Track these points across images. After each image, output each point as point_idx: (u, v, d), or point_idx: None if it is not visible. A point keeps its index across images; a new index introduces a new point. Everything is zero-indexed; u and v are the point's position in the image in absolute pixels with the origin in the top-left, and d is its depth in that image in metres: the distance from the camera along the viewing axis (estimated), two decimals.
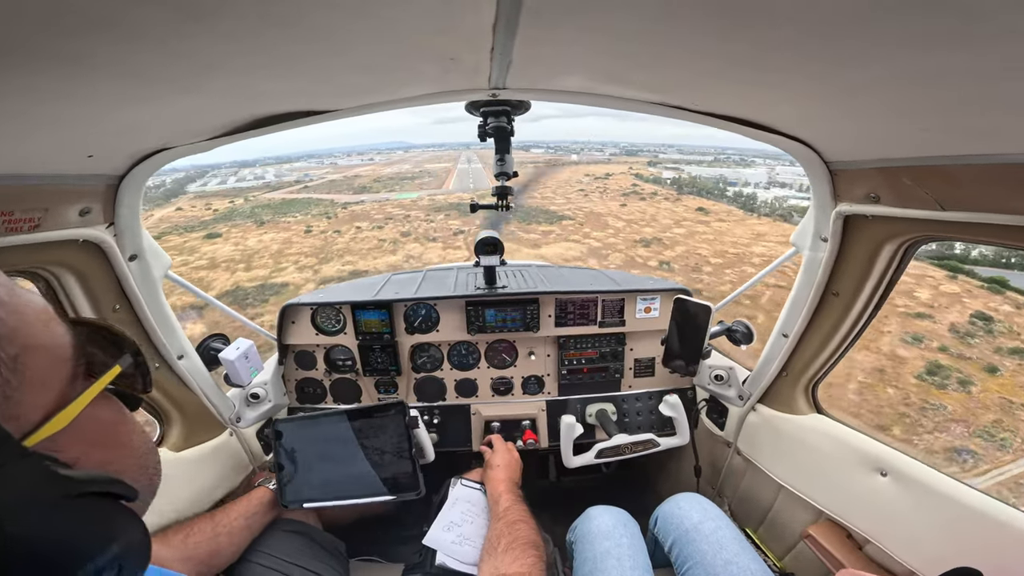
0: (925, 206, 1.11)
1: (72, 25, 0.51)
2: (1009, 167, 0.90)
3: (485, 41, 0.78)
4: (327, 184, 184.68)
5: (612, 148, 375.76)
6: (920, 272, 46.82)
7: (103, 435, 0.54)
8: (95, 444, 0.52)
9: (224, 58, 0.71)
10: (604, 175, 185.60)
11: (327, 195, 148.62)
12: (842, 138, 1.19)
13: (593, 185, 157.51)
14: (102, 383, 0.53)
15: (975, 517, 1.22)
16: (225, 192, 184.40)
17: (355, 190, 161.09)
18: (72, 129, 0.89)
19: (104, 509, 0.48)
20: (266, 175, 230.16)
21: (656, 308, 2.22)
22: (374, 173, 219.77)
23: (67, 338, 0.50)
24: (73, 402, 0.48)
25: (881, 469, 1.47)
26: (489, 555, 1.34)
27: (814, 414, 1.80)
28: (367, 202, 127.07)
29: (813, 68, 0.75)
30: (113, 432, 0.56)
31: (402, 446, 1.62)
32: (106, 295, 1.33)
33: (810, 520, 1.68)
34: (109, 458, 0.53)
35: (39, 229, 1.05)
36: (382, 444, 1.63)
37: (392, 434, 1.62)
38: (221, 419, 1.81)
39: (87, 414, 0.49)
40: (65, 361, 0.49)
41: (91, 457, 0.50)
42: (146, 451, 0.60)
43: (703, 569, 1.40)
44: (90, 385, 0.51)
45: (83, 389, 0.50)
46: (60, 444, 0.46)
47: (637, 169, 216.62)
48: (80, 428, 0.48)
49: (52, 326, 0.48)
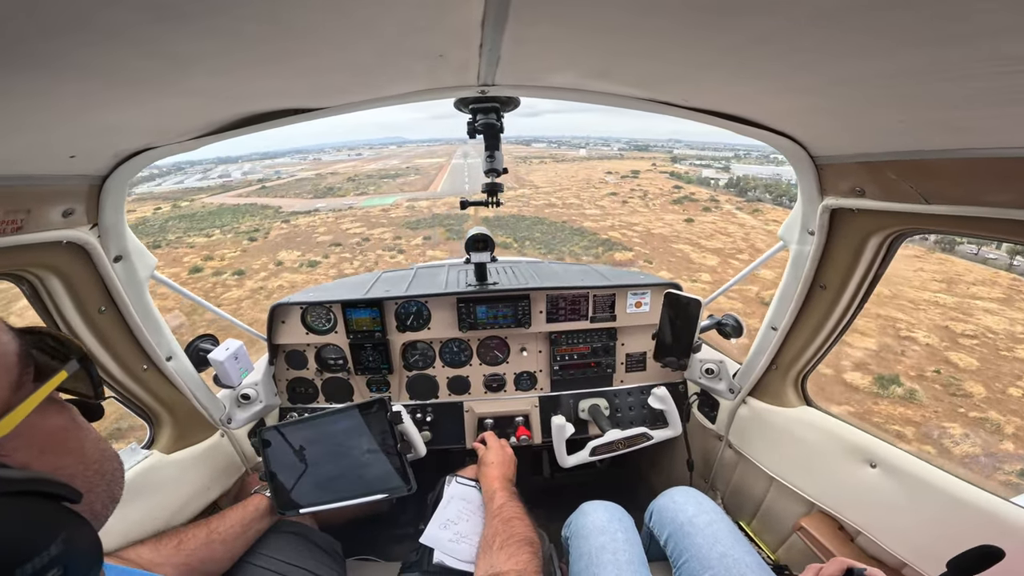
0: (909, 199, 1.13)
1: (44, 26, 0.51)
2: (987, 161, 0.92)
3: (473, 37, 0.77)
4: (291, 184, 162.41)
5: (616, 143, 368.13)
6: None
7: (52, 441, 0.54)
8: (44, 450, 0.52)
9: (202, 57, 0.70)
10: (631, 172, 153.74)
11: (279, 200, 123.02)
12: (827, 133, 1.20)
13: (625, 186, 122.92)
14: (46, 389, 0.53)
15: (964, 507, 1.24)
16: (172, 194, 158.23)
17: (317, 193, 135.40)
18: (52, 130, 0.87)
19: (43, 509, 0.48)
20: (232, 173, 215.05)
21: (647, 303, 2.23)
22: (354, 170, 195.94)
23: (11, 346, 0.50)
24: (15, 409, 0.48)
25: (871, 460, 1.49)
26: (485, 553, 1.35)
27: (804, 406, 1.82)
28: (323, 211, 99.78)
29: (798, 63, 0.75)
30: (62, 438, 0.56)
31: (388, 443, 1.61)
32: (91, 297, 1.31)
33: (802, 512, 1.70)
34: (59, 463, 0.54)
35: (21, 231, 1.03)
36: (369, 443, 1.62)
37: (378, 432, 1.61)
38: (212, 420, 1.79)
39: (33, 420, 0.50)
40: (8, 369, 0.49)
41: (40, 462, 0.50)
42: (102, 458, 0.61)
43: (699, 562, 1.41)
44: (31, 391, 0.51)
45: (25, 395, 0.50)
46: (6, 449, 0.47)
47: (662, 165, 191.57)
48: (27, 434, 0.49)
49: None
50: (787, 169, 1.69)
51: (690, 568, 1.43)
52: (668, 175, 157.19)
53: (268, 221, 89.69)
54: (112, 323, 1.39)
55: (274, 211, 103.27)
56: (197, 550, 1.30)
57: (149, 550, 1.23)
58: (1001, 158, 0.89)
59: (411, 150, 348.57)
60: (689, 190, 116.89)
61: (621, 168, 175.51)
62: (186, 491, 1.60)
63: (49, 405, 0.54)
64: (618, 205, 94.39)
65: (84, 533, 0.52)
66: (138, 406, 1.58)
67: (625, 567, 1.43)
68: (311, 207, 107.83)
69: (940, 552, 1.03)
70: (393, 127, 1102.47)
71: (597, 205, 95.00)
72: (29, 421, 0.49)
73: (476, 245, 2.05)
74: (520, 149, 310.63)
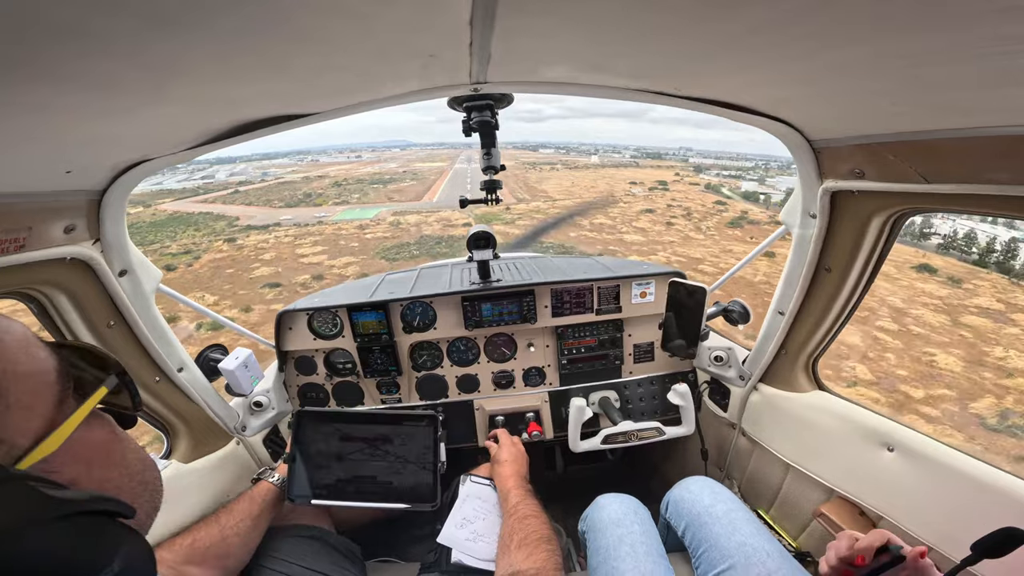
0: (909, 180, 1.12)
1: (34, 37, 0.51)
2: (985, 139, 0.91)
3: (463, 36, 0.77)
4: (270, 188, 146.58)
5: (625, 150, 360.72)
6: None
7: (97, 454, 0.54)
8: (91, 464, 0.53)
9: (194, 65, 0.70)
10: (657, 184, 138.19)
11: (243, 208, 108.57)
12: (823, 117, 1.19)
13: (658, 201, 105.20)
14: (89, 404, 0.54)
15: (984, 489, 1.23)
16: (137, 197, 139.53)
17: (291, 201, 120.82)
18: (47, 144, 0.88)
19: (101, 527, 0.49)
20: (217, 174, 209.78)
21: (651, 293, 2.22)
22: (347, 173, 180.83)
23: (50, 362, 0.51)
24: (62, 425, 0.49)
25: (887, 444, 1.47)
26: (503, 553, 1.35)
27: (816, 391, 1.81)
28: (285, 224, 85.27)
29: (791, 50, 0.75)
30: (107, 451, 0.57)
31: (426, 458, 1.61)
32: (99, 312, 1.32)
33: (821, 498, 1.69)
34: (106, 476, 0.54)
35: (25, 249, 1.04)
36: (406, 453, 1.62)
37: (419, 444, 1.62)
38: (227, 428, 1.81)
39: (79, 435, 0.50)
40: (50, 385, 0.50)
41: (89, 476, 0.51)
42: (143, 468, 0.61)
43: (718, 552, 1.40)
44: (75, 407, 0.52)
45: (72, 411, 0.51)
46: (55, 465, 0.47)
47: (687, 175, 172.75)
48: (73, 449, 0.49)
49: (33, 351, 0.49)
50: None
51: (709, 557, 1.42)
52: (703, 188, 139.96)
53: (210, 239, 75.53)
54: (122, 337, 1.40)
55: (227, 224, 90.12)
56: (212, 546, 1.31)
57: (166, 551, 1.24)
58: (1001, 136, 0.88)
59: (413, 153, 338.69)
60: (737, 207, 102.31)
61: (642, 177, 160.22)
62: (206, 498, 1.62)
63: (92, 419, 0.55)
64: (661, 227, 75.36)
65: (140, 546, 0.53)
66: (153, 418, 1.60)
67: (643, 559, 1.43)
68: (273, 219, 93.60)
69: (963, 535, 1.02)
70: (399, 130, 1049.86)
71: (634, 226, 75.59)
72: (75, 436, 0.50)
73: (478, 243, 2.05)
74: (527, 155, 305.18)
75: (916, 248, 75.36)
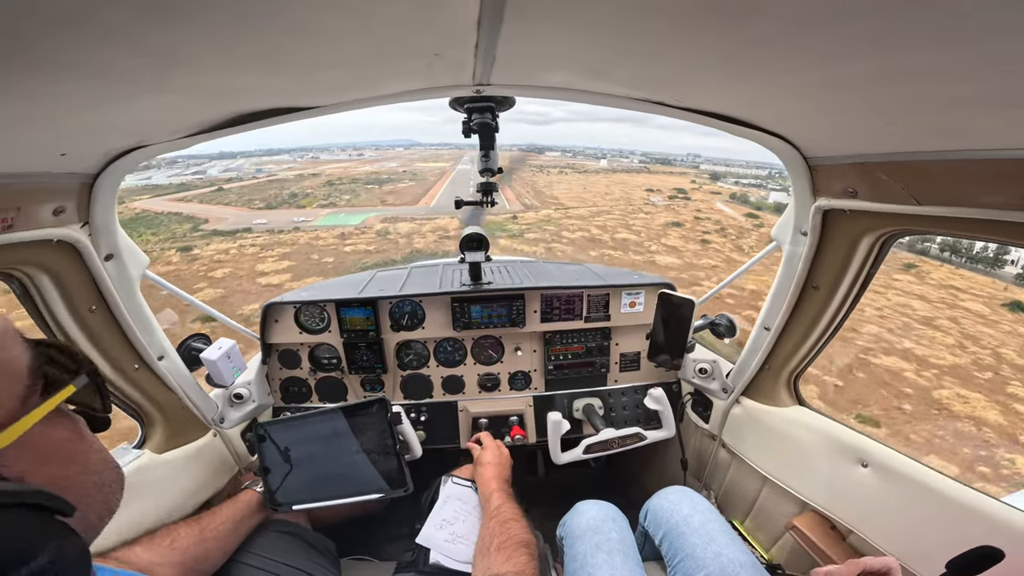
0: (901, 201, 1.14)
1: (34, 25, 0.50)
2: (977, 162, 0.92)
3: (469, 37, 0.77)
4: (257, 186, 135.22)
5: (632, 155, 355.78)
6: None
7: (55, 453, 0.54)
8: (45, 461, 0.53)
9: (193, 55, 0.69)
10: (676, 192, 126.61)
11: (218, 208, 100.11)
12: (819, 134, 1.21)
13: (683, 212, 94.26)
14: (52, 402, 0.54)
15: (954, 507, 1.25)
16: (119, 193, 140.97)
17: (274, 201, 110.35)
18: (42, 127, 0.86)
19: (31, 521, 0.48)
20: (209, 170, 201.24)
21: (641, 302, 2.24)
22: (344, 172, 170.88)
23: (23, 358, 0.51)
24: (19, 420, 0.49)
25: (862, 460, 1.50)
26: (482, 555, 1.35)
27: (796, 406, 1.83)
28: (256, 230, 77.19)
29: (790, 66, 0.76)
30: (66, 450, 0.56)
31: (387, 443, 1.61)
32: (82, 296, 1.30)
33: (795, 511, 1.71)
34: (60, 475, 0.54)
35: (12, 229, 1.01)
36: (367, 442, 1.62)
37: (376, 431, 1.61)
38: (204, 420, 1.77)
39: (38, 432, 0.50)
40: (18, 380, 0.50)
41: (39, 473, 0.51)
42: (103, 470, 0.61)
43: (693, 561, 1.42)
44: (37, 403, 0.52)
45: (32, 407, 0.51)
46: (7, 459, 0.47)
47: (702, 183, 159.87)
48: (29, 445, 0.49)
49: (8, 344, 0.49)
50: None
51: (685, 567, 1.43)
52: (728, 199, 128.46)
53: (163, 246, 65.84)
54: (103, 322, 1.37)
55: (191, 227, 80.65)
56: (190, 548, 1.29)
57: (144, 549, 1.22)
58: (994, 159, 0.89)
59: (416, 153, 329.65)
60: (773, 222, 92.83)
61: (657, 184, 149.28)
62: (179, 491, 1.59)
63: (56, 417, 0.55)
64: (695, 244, 63.31)
65: (72, 544, 0.52)
66: (129, 405, 1.56)
67: (620, 566, 1.43)
68: (246, 223, 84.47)
69: (931, 551, 1.05)
70: (405, 130, 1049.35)
71: (663, 244, 63.16)
72: (33, 432, 0.50)
73: (470, 244, 2.05)
74: (533, 157, 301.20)
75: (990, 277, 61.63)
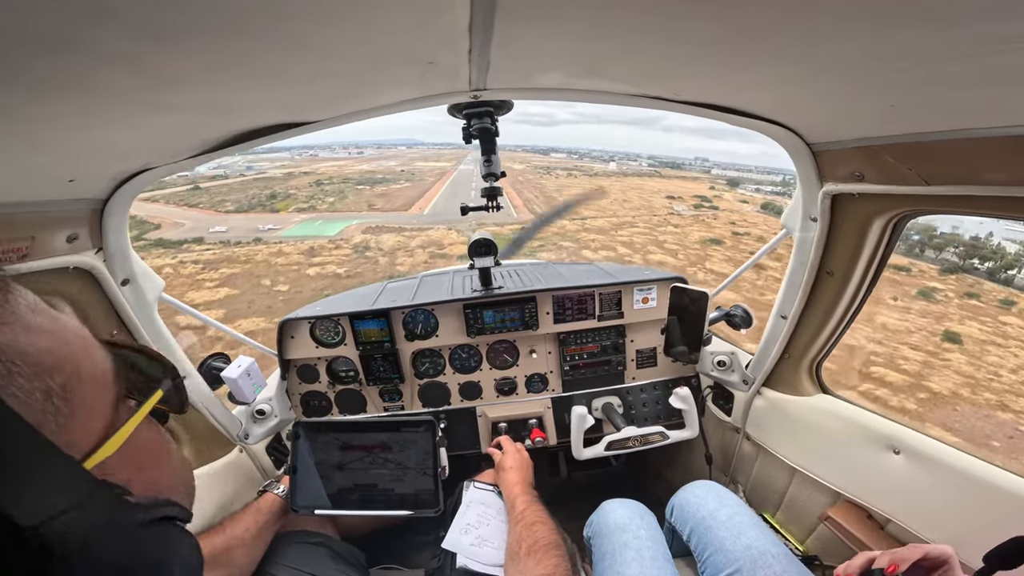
0: (909, 182, 1.12)
1: (30, 49, 0.51)
2: (985, 140, 0.91)
3: (462, 43, 0.78)
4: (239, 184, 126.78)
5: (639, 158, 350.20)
6: None
7: (148, 456, 0.53)
8: (142, 466, 0.51)
9: (189, 73, 0.70)
10: (702, 201, 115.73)
11: (183, 210, 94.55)
12: (821, 120, 1.19)
13: (717, 226, 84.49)
14: (147, 407, 0.53)
15: (993, 491, 1.22)
16: None
17: (246, 204, 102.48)
18: (48, 153, 0.88)
19: (168, 534, 0.49)
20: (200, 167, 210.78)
21: (653, 298, 2.22)
22: (339, 170, 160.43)
23: (107, 363, 0.50)
24: (123, 426, 0.48)
25: (893, 447, 1.46)
26: (512, 560, 1.34)
27: (820, 394, 1.80)
28: (211, 239, 72.14)
29: (785, 49, 0.75)
30: (156, 452, 0.56)
31: (426, 463, 1.61)
32: (102, 321, 1.33)
33: (828, 502, 1.67)
34: (155, 478, 0.53)
35: (28, 258, 1.04)
36: (406, 459, 1.62)
37: (418, 450, 1.62)
38: (230, 437, 1.81)
39: (133, 437, 0.49)
40: (109, 386, 0.49)
41: (140, 479, 0.50)
42: (184, 468, 0.61)
43: (723, 555, 1.39)
44: (131, 408, 0.51)
45: (125, 412, 0.50)
46: (110, 468, 0.45)
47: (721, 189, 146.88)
48: (128, 451, 0.48)
49: (92, 352, 0.48)
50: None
51: (715, 562, 1.41)
52: (760, 209, 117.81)
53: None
54: None
55: (136, 234, 68.53)
56: (218, 557, 1.30)
57: None
58: (1000, 136, 0.88)
59: (417, 152, 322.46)
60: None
61: (675, 190, 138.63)
62: (210, 506, 1.62)
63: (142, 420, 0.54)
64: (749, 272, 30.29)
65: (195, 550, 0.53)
66: None
67: (650, 564, 1.42)
68: (202, 231, 76.47)
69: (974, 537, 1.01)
70: (408, 129, 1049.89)
71: (712, 272, 54.85)
72: (130, 437, 0.49)
73: (479, 250, 2.05)
74: (538, 158, 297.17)
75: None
